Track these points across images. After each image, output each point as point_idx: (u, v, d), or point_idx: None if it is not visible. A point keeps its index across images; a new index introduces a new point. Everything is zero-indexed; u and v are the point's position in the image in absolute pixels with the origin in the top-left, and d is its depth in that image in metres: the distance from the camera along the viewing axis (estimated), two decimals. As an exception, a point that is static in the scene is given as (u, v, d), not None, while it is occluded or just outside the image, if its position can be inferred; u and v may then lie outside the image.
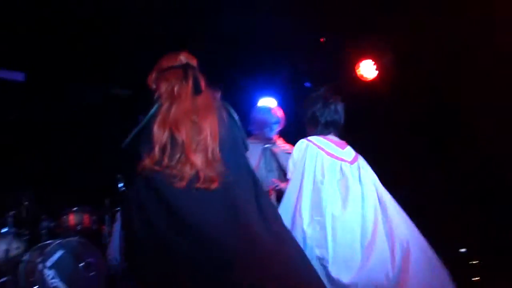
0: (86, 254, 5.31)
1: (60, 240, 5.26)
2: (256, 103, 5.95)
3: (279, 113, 4.44)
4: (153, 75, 2.76)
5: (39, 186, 6.06)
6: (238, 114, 5.77)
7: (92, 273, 5.26)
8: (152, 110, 2.58)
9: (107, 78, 6.62)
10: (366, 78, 5.57)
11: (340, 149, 3.44)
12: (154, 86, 2.73)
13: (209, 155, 2.51)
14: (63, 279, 5.08)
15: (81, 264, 5.24)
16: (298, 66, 6.07)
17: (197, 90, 2.65)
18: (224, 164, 2.51)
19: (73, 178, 6.53)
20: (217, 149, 2.53)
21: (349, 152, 3.49)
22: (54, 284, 4.98)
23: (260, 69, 6.15)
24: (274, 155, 4.38)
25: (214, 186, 2.43)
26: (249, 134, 4.46)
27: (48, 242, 5.32)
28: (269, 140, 4.40)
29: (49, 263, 5.03)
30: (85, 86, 6.52)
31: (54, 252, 5.17)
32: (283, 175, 4.27)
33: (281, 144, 4.48)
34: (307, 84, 5.99)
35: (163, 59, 2.81)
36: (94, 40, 5.66)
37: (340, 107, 3.55)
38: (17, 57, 5.90)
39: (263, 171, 4.33)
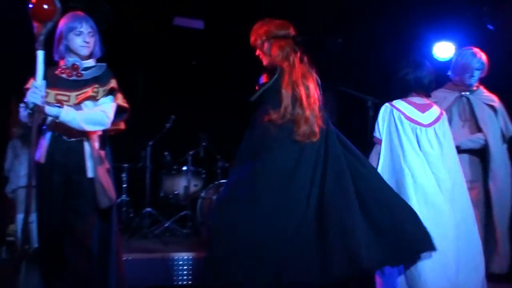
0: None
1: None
2: (432, 49, 5.63)
3: (484, 58, 4.08)
4: (263, 38, 3.24)
5: (215, 128, 6.43)
6: (411, 56, 5.51)
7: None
8: (276, 75, 3.09)
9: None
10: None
11: (419, 113, 3.48)
12: (264, 48, 3.25)
13: (316, 113, 3.04)
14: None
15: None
16: (482, 7, 5.52)
17: (301, 59, 3.18)
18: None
19: (247, 121, 6.80)
20: (317, 108, 3.06)
21: (429, 114, 3.49)
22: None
23: (440, 10, 5.73)
24: (470, 104, 4.08)
25: (315, 139, 2.98)
26: (447, 79, 4.20)
27: (222, 181, 5.68)
28: (469, 87, 4.09)
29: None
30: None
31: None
32: (475, 127, 4.02)
33: (483, 93, 4.14)
34: (490, 27, 5.43)
35: (272, 24, 3.26)
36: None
37: (426, 68, 3.52)
38: (196, 5, 6.18)
39: (456, 119, 4.06)
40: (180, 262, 4.38)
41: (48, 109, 2.87)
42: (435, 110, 3.52)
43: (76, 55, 3.07)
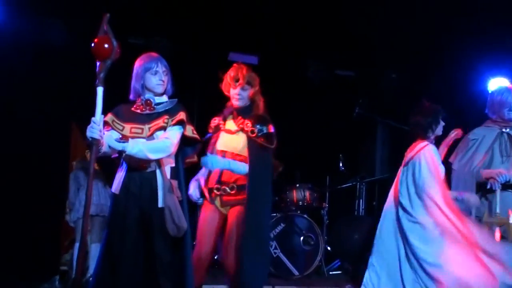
0: (306, 229, 5.55)
1: (283, 214, 5.57)
2: (487, 84, 5.54)
3: None
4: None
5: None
6: (468, 94, 5.43)
7: (310, 248, 5.48)
8: None
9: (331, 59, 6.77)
10: None
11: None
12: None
13: None
14: (283, 250, 5.39)
15: (301, 238, 5.49)
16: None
17: None
18: None
19: (297, 156, 6.82)
20: None
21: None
22: (276, 254, 5.30)
23: (492, 45, 5.66)
24: (511, 139, 4.02)
25: None
26: (486, 117, 4.21)
27: (272, 214, 5.68)
28: (508, 122, 4.05)
29: (272, 234, 5.37)
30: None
31: (277, 225, 5.50)
32: None
33: None
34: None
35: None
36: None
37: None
38: (251, 41, 6.34)
39: (497, 156, 4.01)
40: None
41: (114, 144, 3.07)
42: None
43: (152, 92, 3.26)
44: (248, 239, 3.39)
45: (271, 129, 3.62)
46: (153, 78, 3.23)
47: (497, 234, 3.79)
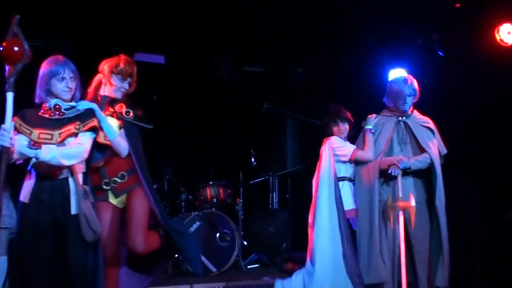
0: (222, 225, 5.59)
1: (198, 212, 5.59)
2: (387, 74, 5.83)
3: (415, 84, 4.28)
4: None
5: (178, 162, 6.44)
6: (371, 85, 5.70)
7: (227, 244, 5.53)
8: None
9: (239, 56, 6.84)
10: (506, 43, 5.16)
11: None
12: None
13: None
14: (200, 248, 5.40)
15: (217, 235, 5.53)
16: (432, 34, 5.78)
17: None
18: None
19: (209, 153, 6.86)
20: None
21: None
22: (193, 253, 5.30)
23: (392, 38, 5.97)
24: (408, 128, 4.26)
25: None
26: (383, 106, 4.41)
27: (186, 213, 5.68)
28: (404, 113, 4.28)
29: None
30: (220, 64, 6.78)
31: (193, 223, 5.51)
32: (417, 148, 4.22)
33: (417, 116, 4.34)
34: (441, 53, 5.69)
35: None
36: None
37: None
38: (157, 40, 6.27)
39: (395, 144, 4.25)
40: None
41: (26, 151, 2.94)
42: None
43: (58, 98, 3.15)
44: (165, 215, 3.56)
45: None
46: (60, 84, 3.12)
47: (401, 217, 4.02)
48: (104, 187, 3.45)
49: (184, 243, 3.56)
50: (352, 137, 4.51)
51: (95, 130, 3.19)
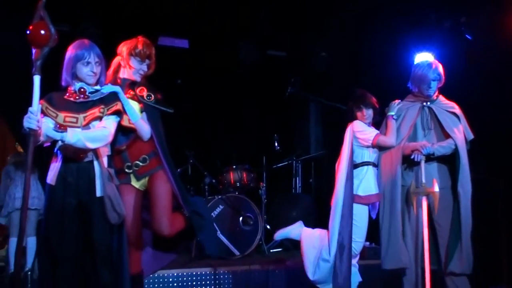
0: (245, 209, 5.62)
1: (221, 196, 5.62)
2: (413, 58, 5.74)
3: (440, 69, 4.21)
4: None
5: (202, 146, 6.48)
6: (396, 70, 5.63)
7: (250, 228, 5.57)
8: None
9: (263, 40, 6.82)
10: (537, 26, 5.05)
11: None
12: None
13: None
14: (223, 231, 5.45)
15: (240, 219, 5.57)
16: (459, 17, 5.67)
17: None
18: None
19: (232, 138, 6.88)
20: None
21: None
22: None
23: (419, 21, 5.88)
24: (433, 113, 4.21)
25: None
26: (408, 91, 4.36)
27: (210, 197, 5.72)
28: (428, 98, 4.22)
29: (211, 216, 5.40)
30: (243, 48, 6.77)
31: (216, 207, 5.55)
32: (442, 134, 4.16)
33: (442, 101, 4.28)
34: (469, 37, 5.58)
35: None
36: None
37: None
38: (181, 25, 6.28)
39: (419, 130, 4.20)
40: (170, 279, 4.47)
41: (53, 134, 2.99)
42: None
43: (83, 82, 3.19)
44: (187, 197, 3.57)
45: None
46: (85, 69, 3.16)
47: (424, 203, 3.99)
48: (126, 170, 3.49)
49: (201, 224, 3.59)
50: (377, 123, 4.47)
51: (119, 113, 3.22)
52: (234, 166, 6.00)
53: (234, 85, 7.02)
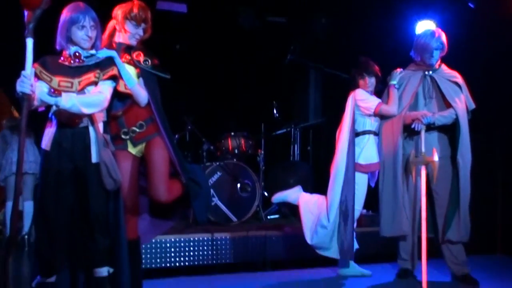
0: (243, 176, 5.62)
1: (219, 163, 5.62)
2: (415, 27, 5.67)
3: (443, 37, 4.16)
4: None
5: (200, 112, 6.45)
6: (397, 38, 5.56)
7: (248, 194, 5.58)
8: None
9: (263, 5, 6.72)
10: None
11: None
12: None
13: None
14: (221, 198, 5.46)
15: (238, 185, 5.57)
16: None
17: None
18: None
19: (231, 104, 6.84)
20: None
21: None
22: (214, 202, 5.36)
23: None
24: (435, 82, 4.18)
25: None
26: (411, 60, 4.32)
27: (208, 163, 5.71)
28: (430, 67, 4.18)
29: (209, 183, 5.40)
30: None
31: (214, 173, 5.55)
32: (443, 103, 4.14)
33: (445, 70, 4.24)
34: (471, 5, 5.49)
35: None
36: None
37: None
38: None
39: (421, 99, 4.17)
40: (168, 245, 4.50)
41: (47, 98, 2.94)
42: None
43: (78, 46, 3.13)
44: (184, 164, 3.53)
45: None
46: (79, 33, 3.07)
47: (423, 172, 3.99)
48: (123, 136, 3.45)
49: (197, 192, 3.57)
50: (379, 92, 4.44)
51: (115, 78, 3.17)
52: (233, 133, 5.98)
53: (233, 51, 6.94)
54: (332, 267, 4.50)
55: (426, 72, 4.21)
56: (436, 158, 3.94)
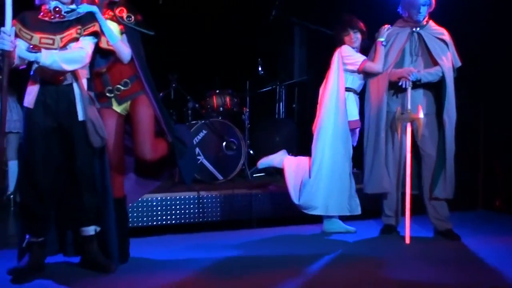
0: (228, 134, 5.61)
1: (204, 121, 5.59)
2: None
3: None
4: None
5: (185, 70, 6.36)
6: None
7: (233, 152, 5.58)
8: None
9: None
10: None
11: None
12: None
13: None
14: (206, 156, 5.46)
15: (224, 144, 5.57)
16: None
17: None
18: None
19: (215, 62, 6.75)
20: None
21: None
22: (199, 161, 5.36)
23: None
24: (422, 39, 4.15)
25: None
26: (398, 16, 4.29)
27: (193, 122, 5.68)
28: (417, 23, 4.15)
29: (194, 141, 5.38)
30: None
31: (199, 132, 5.52)
32: (430, 60, 4.14)
33: (432, 27, 4.21)
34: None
35: None
36: None
37: None
38: None
39: (407, 55, 4.16)
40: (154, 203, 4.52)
41: (26, 55, 2.90)
42: None
43: (58, 0, 3.06)
44: (170, 122, 3.53)
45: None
46: None
47: (408, 129, 4.01)
48: (108, 94, 3.41)
49: (183, 151, 3.56)
50: (366, 49, 4.40)
51: (96, 34, 3.12)
52: (218, 91, 5.93)
53: (217, 7, 6.82)
54: (317, 224, 4.55)
55: (414, 29, 4.19)
56: (421, 115, 3.96)
